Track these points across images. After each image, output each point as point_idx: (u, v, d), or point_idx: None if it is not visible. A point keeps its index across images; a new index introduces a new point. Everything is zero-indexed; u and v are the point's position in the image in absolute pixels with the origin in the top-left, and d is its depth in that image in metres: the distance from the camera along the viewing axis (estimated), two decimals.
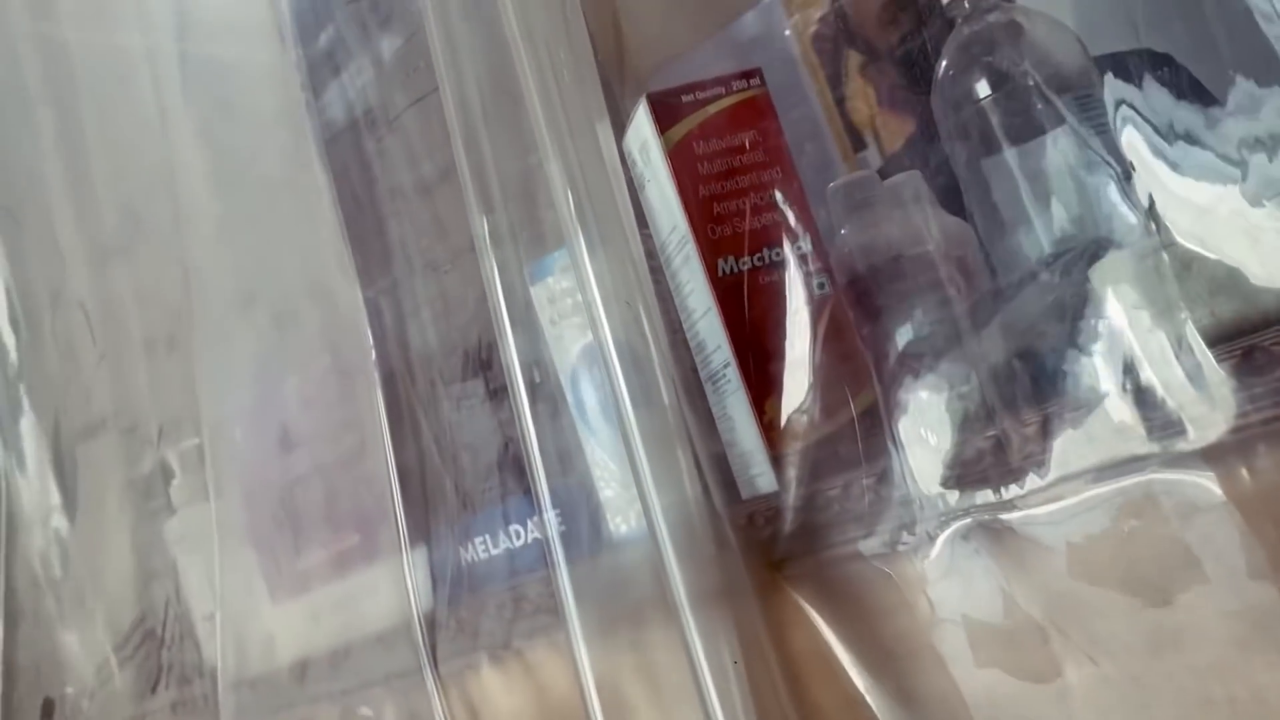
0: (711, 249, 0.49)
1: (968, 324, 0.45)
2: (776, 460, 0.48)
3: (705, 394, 0.52)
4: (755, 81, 0.51)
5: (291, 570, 0.74)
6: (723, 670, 0.45)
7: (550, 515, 0.54)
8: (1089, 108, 0.50)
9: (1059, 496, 0.38)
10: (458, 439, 0.66)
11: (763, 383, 0.48)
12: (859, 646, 0.45)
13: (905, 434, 0.44)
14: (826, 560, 0.46)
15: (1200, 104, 0.48)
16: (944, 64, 0.54)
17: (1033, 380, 0.41)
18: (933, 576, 0.42)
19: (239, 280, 0.78)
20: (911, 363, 0.45)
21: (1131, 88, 0.44)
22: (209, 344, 0.78)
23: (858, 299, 0.51)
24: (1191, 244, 0.38)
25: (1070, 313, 0.43)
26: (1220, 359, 0.35)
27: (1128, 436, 0.36)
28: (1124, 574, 0.37)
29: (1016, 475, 0.39)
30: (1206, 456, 0.35)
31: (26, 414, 0.97)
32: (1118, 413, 0.37)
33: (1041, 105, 0.52)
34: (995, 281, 0.52)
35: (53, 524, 0.98)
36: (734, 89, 0.50)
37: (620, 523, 0.53)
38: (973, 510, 0.41)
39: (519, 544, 0.61)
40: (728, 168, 0.49)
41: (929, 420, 0.43)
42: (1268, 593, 0.34)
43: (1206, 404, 0.35)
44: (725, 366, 0.49)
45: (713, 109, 0.50)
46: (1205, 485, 0.35)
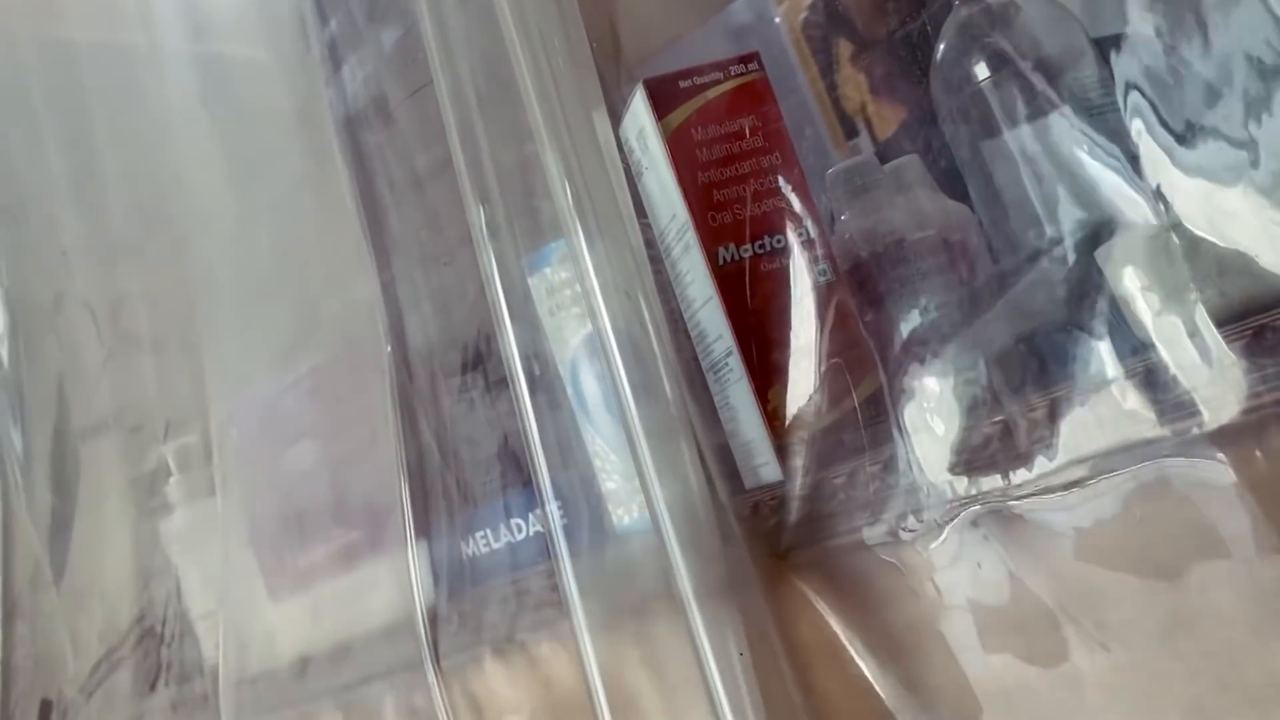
0: (712, 237, 0.48)
1: (972, 308, 0.45)
2: (780, 449, 0.47)
3: (707, 384, 0.51)
4: (753, 66, 0.50)
5: (294, 566, 0.74)
6: (729, 661, 0.45)
7: (552, 508, 0.54)
8: (1090, 89, 0.50)
9: (1069, 482, 0.37)
10: (458, 432, 0.66)
11: (766, 372, 0.47)
12: (866, 635, 0.45)
13: (911, 421, 0.43)
14: (832, 549, 0.45)
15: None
16: (943, 46, 0.54)
17: (1039, 364, 0.41)
18: (940, 564, 0.42)
19: (258, 276, 0.78)
20: (916, 349, 0.45)
21: (1137, 67, 0.43)
22: (221, 339, 0.78)
23: (860, 285, 0.51)
24: (1201, 231, 0.37)
25: (1076, 295, 0.43)
26: (1230, 339, 0.34)
27: (1138, 420, 0.36)
28: (1135, 559, 0.37)
29: (1024, 460, 0.39)
30: (1218, 439, 0.34)
31: (26, 413, 0.97)
32: (1127, 396, 0.36)
33: (1041, 87, 0.51)
34: (998, 265, 0.51)
35: (52, 523, 0.98)
36: (732, 74, 0.50)
37: (623, 515, 0.53)
38: (980, 497, 0.40)
39: (520, 537, 0.60)
40: (727, 154, 0.49)
41: (935, 406, 0.42)
42: None
43: (1217, 385, 0.34)
44: (727, 356, 0.48)
45: (711, 94, 0.49)
46: (1217, 468, 0.34)
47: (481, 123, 0.55)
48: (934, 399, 0.42)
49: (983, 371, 0.42)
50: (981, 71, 0.52)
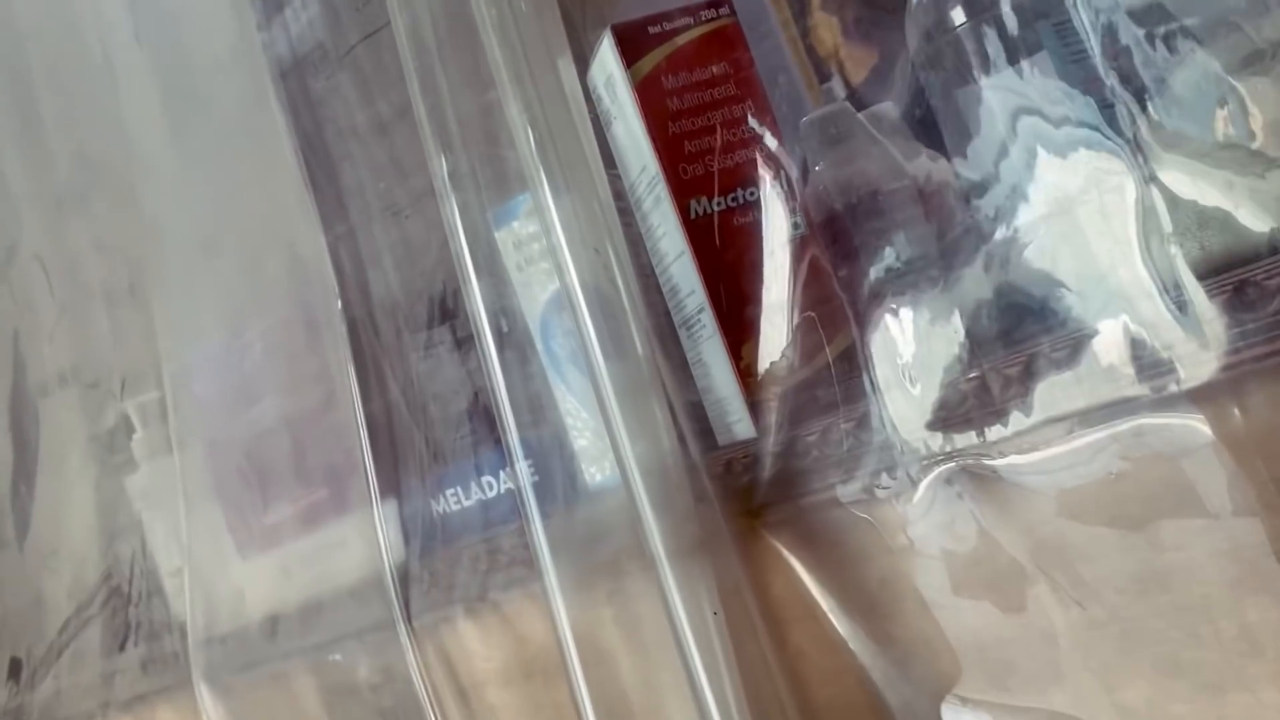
0: (683, 189, 0.47)
1: (948, 261, 0.44)
2: (754, 406, 0.46)
3: (679, 341, 0.50)
4: (724, 10, 0.49)
5: (259, 525, 0.73)
6: (702, 619, 0.45)
7: (521, 466, 0.53)
8: (1066, 34, 0.48)
9: (1044, 439, 0.37)
10: (425, 389, 0.64)
11: (739, 327, 0.46)
12: (840, 592, 0.45)
13: (884, 377, 0.42)
14: (806, 506, 0.45)
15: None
16: None
17: (1016, 319, 0.40)
18: (914, 521, 0.42)
19: (199, 227, 0.75)
20: (890, 303, 0.44)
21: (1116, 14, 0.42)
22: (169, 294, 0.76)
23: (834, 238, 0.49)
24: (1177, 186, 0.37)
25: (1055, 247, 0.42)
26: (1211, 294, 0.34)
27: (1115, 377, 0.35)
28: (1111, 515, 0.36)
29: (1000, 417, 0.38)
30: (1197, 396, 0.34)
31: None
32: (1105, 352, 0.36)
33: (1019, 32, 0.50)
34: (974, 217, 0.51)
35: (14, 480, 0.96)
36: (703, 19, 0.48)
37: (595, 473, 0.52)
38: (955, 454, 0.40)
39: (492, 495, 0.60)
40: (698, 103, 0.47)
41: (909, 363, 0.42)
42: (1257, 531, 0.34)
43: (1197, 341, 0.34)
44: (699, 312, 0.47)
45: (681, 40, 0.48)
46: (1195, 425, 0.34)
47: (442, 69, 0.53)
48: (908, 355, 0.42)
49: (958, 327, 0.41)
50: (958, 16, 0.50)
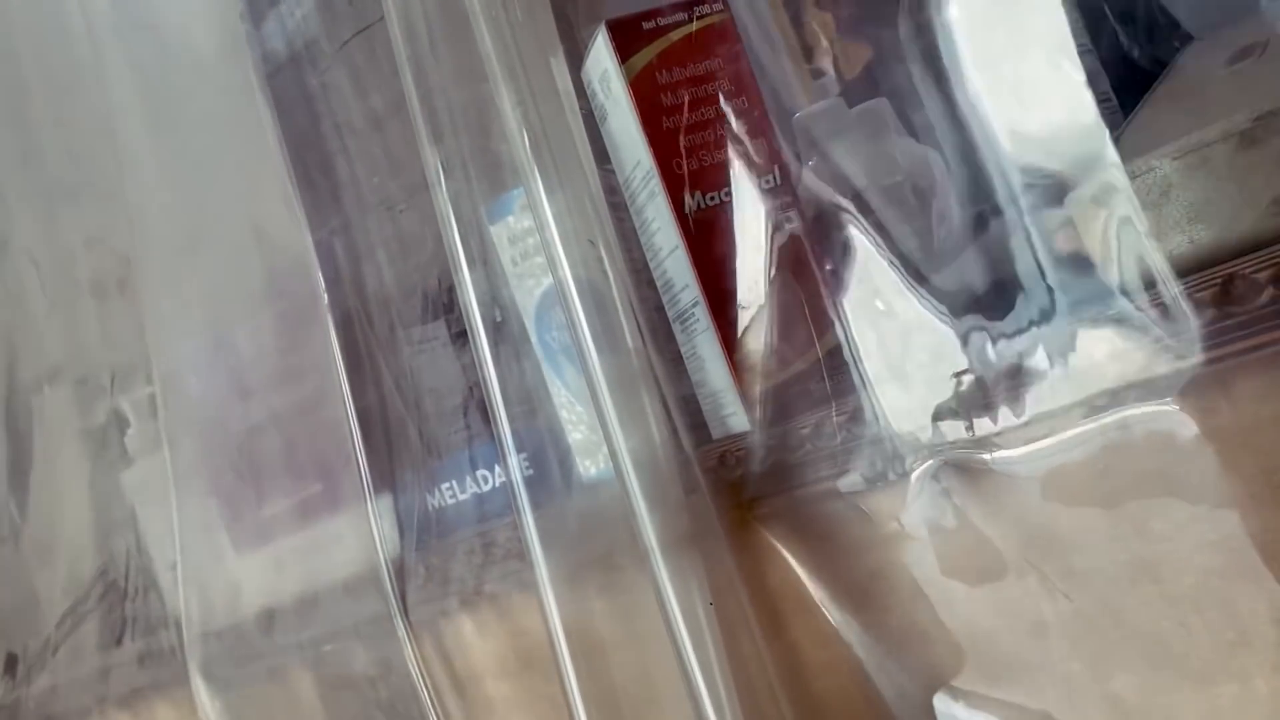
0: (677, 184, 0.47)
1: (940, 256, 0.44)
2: (747, 399, 0.47)
3: (672, 335, 0.51)
4: (718, 6, 0.49)
5: (254, 519, 0.73)
6: (695, 612, 0.45)
7: (514, 460, 0.53)
8: (1061, 30, 0.49)
9: (1034, 433, 0.37)
10: (420, 383, 0.65)
11: (733, 321, 0.47)
12: (833, 584, 0.45)
13: (875, 372, 0.43)
14: (798, 499, 0.45)
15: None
16: None
17: (1007, 313, 0.40)
18: (905, 514, 0.42)
19: (184, 223, 0.75)
20: (881, 298, 0.44)
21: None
22: (157, 289, 0.76)
23: (826, 232, 0.50)
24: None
25: (1044, 243, 0.42)
26: (1200, 288, 0.34)
27: (1103, 371, 0.36)
28: (1100, 508, 0.37)
29: (990, 410, 0.39)
30: (1184, 389, 0.34)
31: None
32: (1094, 346, 0.36)
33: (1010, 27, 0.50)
34: (966, 211, 0.51)
35: (9, 476, 0.96)
36: (697, 15, 0.48)
37: (589, 466, 0.53)
38: (946, 447, 0.40)
39: (487, 489, 0.60)
40: (692, 98, 0.48)
41: (900, 357, 0.42)
42: (1245, 523, 0.34)
43: (1185, 335, 0.34)
44: (694, 305, 0.48)
45: (675, 36, 0.48)
46: (1183, 418, 0.34)
47: (435, 61, 0.53)
48: (899, 349, 0.42)
49: (949, 320, 0.41)
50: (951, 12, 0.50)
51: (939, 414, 0.40)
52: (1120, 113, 0.45)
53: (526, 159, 0.47)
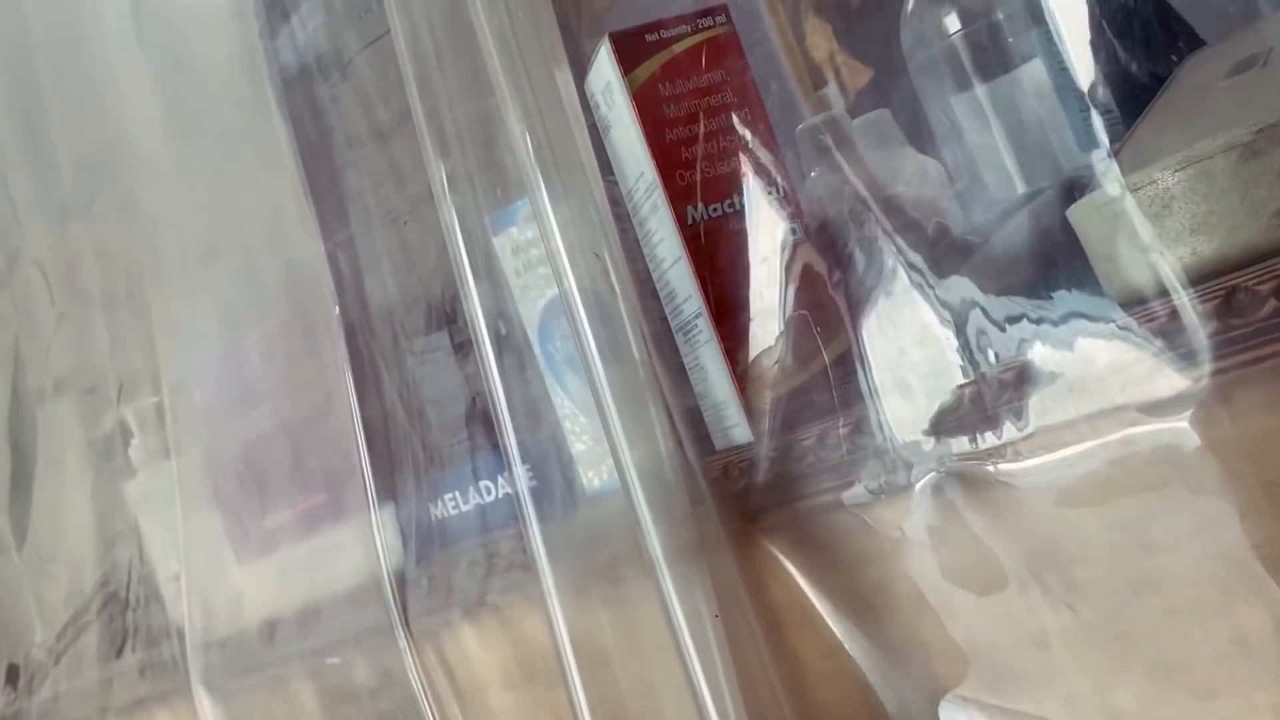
0: (680, 195, 0.47)
1: (943, 266, 0.44)
2: (751, 411, 0.47)
3: (676, 346, 0.51)
4: (721, 19, 0.49)
5: (257, 530, 0.73)
6: (701, 623, 0.45)
7: (519, 470, 0.53)
8: (1061, 41, 0.49)
9: (1037, 445, 0.37)
10: (423, 394, 0.65)
11: (735, 333, 0.47)
12: (836, 597, 0.45)
13: (880, 382, 0.43)
14: (802, 511, 0.45)
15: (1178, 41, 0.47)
16: None
17: (1009, 324, 0.40)
18: (909, 526, 0.42)
19: (199, 234, 0.76)
20: (885, 308, 0.44)
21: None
22: (169, 300, 0.76)
23: (829, 243, 0.50)
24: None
25: (1045, 255, 0.42)
26: (1202, 300, 0.34)
27: (1106, 383, 0.36)
28: (1103, 520, 0.37)
29: (994, 423, 0.39)
30: (1186, 401, 0.34)
31: None
32: (1097, 359, 0.36)
33: (1012, 39, 0.50)
34: (969, 222, 0.51)
35: (12, 487, 0.96)
36: (699, 27, 0.48)
37: (593, 477, 0.53)
38: (949, 459, 0.40)
39: (490, 500, 0.60)
40: (695, 110, 0.48)
41: (904, 368, 0.42)
42: (1248, 534, 0.34)
43: (1187, 347, 0.34)
44: (696, 317, 0.48)
45: (678, 48, 0.48)
46: (1185, 430, 0.34)
47: (441, 74, 0.54)
48: (903, 360, 0.42)
49: (952, 332, 0.41)
50: (953, 24, 0.51)
51: (943, 426, 0.40)
52: (1122, 125, 0.45)
53: (532, 170, 0.47)
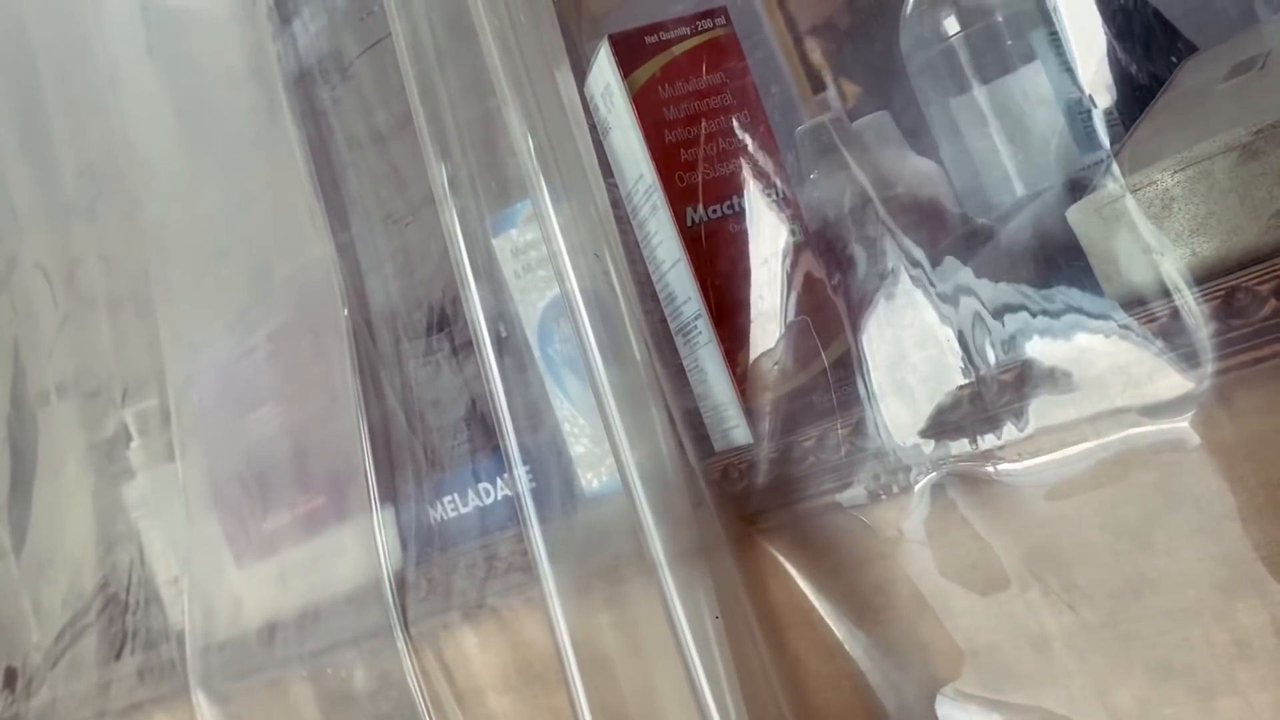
0: (679, 197, 0.47)
1: (942, 268, 0.44)
2: (750, 412, 0.47)
3: (676, 347, 0.51)
4: (720, 21, 0.49)
5: (258, 532, 0.73)
6: (701, 625, 0.45)
7: (519, 472, 0.53)
8: (1059, 43, 0.49)
9: (1038, 446, 0.37)
10: (423, 396, 0.65)
11: (735, 334, 0.47)
12: (836, 598, 0.45)
13: (879, 384, 0.43)
14: (802, 512, 0.45)
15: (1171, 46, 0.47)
16: (912, 0, 0.53)
17: (1009, 326, 0.40)
18: (909, 527, 0.42)
19: (210, 236, 0.76)
20: (884, 310, 0.44)
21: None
22: (175, 301, 0.76)
23: (829, 245, 0.50)
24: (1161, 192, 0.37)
25: (1044, 257, 0.42)
26: (1202, 300, 0.34)
27: (1106, 384, 0.36)
28: (1103, 521, 0.37)
29: (993, 425, 0.39)
30: (1186, 402, 0.34)
31: None
32: (1097, 360, 0.36)
33: (1012, 41, 0.50)
34: (968, 224, 0.51)
35: (11, 490, 0.96)
36: (699, 29, 0.49)
37: (592, 479, 0.53)
38: (949, 461, 0.40)
39: (489, 502, 0.60)
40: (694, 112, 0.48)
41: (903, 370, 0.42)
42: (1248, 535, 0.34)
43: (1187, 348, 0.34)
44: (696, 318, 0.48)
45: (678, 50, 0.48)
46: (1186, 430, 0.34)
47: (442, 77, 0.54)
48: (902, 361, 0.42)
49: (952, 333, 0.41)
50: (951, 26, 0.51)
51: (942, 428, 0.40)
52: (1121, 127, 0.45)
53: (534, 171, 0.47)
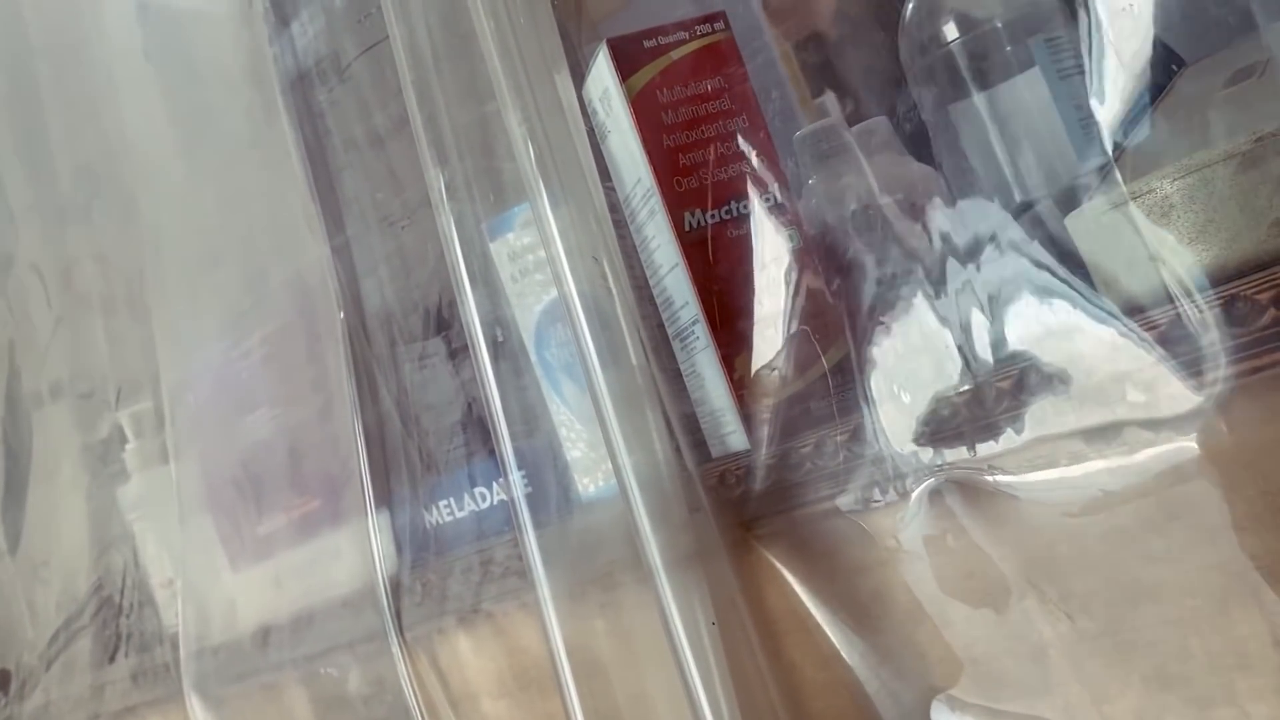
0: (677, 202, 0.47)
1: (941, 274, 0.44)
2: (747, 418, 0.47)
3: (673, 352, 0.51)
4: (719, 25, 0.49)
5: (252, 536, 0.73)
6: (697, 631, 0.45)
7: (515, 476, 0.53)
8: (1058, 50, 0.49)
9: (1035, 454, 0.37)
10: (419, 400, 0.64)
11: (732, 339, 0.47)
12: (833, 605, 0.45)
13: (877, 390, 0.43)
14: (799, 518, 0.45)
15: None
16: (911, 6, 0.53)
17: (1008, 333, 0.40)
18: (906, 534, 0.42)
19: (204, 238, 0.76)
20: (883, 316, 0.44)
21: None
22: (171, 304, 0.76)
23: (827, 251, 0.50)
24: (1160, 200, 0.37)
25: (1044, 264, 0.42)
26: (1201, 308, 0.34)
27: (1106, 391, 0.36)
28: (1101, 530, 0.37)
29: (992, 432, 0.39)
30: (1186, 411, 0.34)
31: None
32: (1096, 367, 0.36)
33: (1010, 48, 0.50)
34: (965, 230, 0.51)
35: (5, 491, 0.96)
36: (698, 33, 0.48)
37: (588, 484, 0.52)
38: (946, 468, 0.40)
39: (485, 506, 0.60)
40: (693, 116, 0.48)
41: (901, 375, 0.42)
42: (1246, 545, 0.34)
43: (1186, 356, 0.34)
44: (693, 323, 0.48)
45: (676, 54, 0.48)
46: (1184, 439, 0.34)
47: (439, 82, 0.54)
48: (901, 367, 0.42)
49: (951, 340, 0.41)
50: (950, 32, 0.51)
51: (940, 433, 0.40)
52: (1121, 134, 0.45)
53: (532, 175, 0.47)
